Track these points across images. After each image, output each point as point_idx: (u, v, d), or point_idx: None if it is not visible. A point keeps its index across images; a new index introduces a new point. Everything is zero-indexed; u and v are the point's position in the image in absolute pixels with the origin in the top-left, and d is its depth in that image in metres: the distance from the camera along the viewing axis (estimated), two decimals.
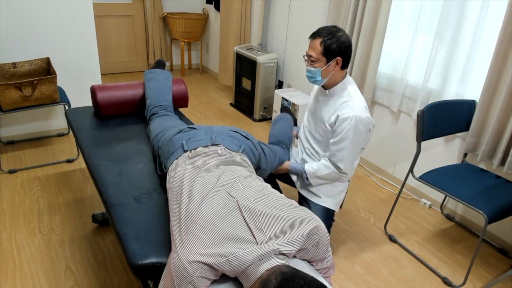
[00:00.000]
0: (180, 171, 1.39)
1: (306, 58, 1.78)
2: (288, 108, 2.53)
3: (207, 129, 1.61)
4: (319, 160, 1.91)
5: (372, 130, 1.84)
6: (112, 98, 2.09)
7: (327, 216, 1.96)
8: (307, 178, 1.91)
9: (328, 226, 2.01)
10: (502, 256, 2.24)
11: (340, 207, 2.02)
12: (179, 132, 1.61)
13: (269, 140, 2.09)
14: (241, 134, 1.63)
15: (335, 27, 1.73)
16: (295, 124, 2.32)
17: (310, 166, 1.89)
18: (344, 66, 1.76)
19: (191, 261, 1.02)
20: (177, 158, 1.47)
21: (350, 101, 1.77)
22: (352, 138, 1.77)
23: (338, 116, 1.78)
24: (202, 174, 1.33)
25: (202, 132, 1.58)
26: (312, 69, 1.76)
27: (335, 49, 1.69)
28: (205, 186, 1.26)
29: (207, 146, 1.49)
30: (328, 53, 1.71)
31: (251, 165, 1.52)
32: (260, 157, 1.68)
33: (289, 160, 2.01)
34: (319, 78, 1.78)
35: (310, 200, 1.94)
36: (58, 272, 1.91)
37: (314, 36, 1.73)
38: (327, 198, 1.93)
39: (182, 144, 1.52)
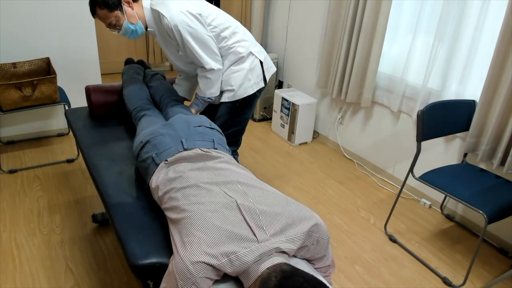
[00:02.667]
0: (163, 180, 1.35)
1: (111, 30, 1.81)
2: (142, 61, 2.45)
3: (171, 132, 1.54)
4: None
5: (204, 13, 1.81)
6: (107, 99, 2.09)
7: (242, 105, 2.02)
8: (207, 97, 1.97)
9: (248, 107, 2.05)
10: (502, 256, 2.24)
11: (265, 82, 2.06)
12: (143, 146, 1.55)
13: (163, 102, 2.01)
14: (206, 127, 1.60)
15: None
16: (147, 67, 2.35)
17: (198, 89, 1.99)
18: None
19: (194, 262, 1.02)
20: (153, 173, 1.44)
21: (162, 13, 1.75)
22: (189, 38, 1.78)
23: (172, 26, 1.77)
24: (193, 176, 1.30)
25: (168, 139, 1.51)
26: (125, 27, 1.79)
27: None
28: (200, 187, 1.25)
29: (181, 151, 1.45)
30: (112, 5, 1.73)
31: (235, 161, 1.48)
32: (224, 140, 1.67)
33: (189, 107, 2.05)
34: (134, 27, 1.81)
35: (223, 102, 2.01)
36: (58, 272, 1.91)
37: (93, 12, 1.79)
38: (232, 91, 1.98)
39: (153, 158, 1.47)
